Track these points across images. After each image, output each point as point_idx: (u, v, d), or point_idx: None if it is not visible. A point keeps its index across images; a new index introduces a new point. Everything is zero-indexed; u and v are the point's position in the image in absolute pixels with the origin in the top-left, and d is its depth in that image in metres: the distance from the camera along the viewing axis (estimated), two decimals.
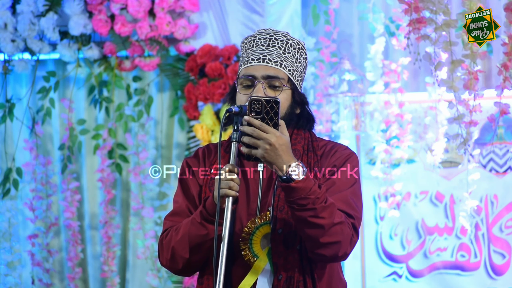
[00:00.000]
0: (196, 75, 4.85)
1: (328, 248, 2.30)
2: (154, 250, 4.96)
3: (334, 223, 2.27)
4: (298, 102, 2.48)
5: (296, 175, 2.23)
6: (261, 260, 2.39)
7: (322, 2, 4.91)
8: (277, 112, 2.25)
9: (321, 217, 2.26)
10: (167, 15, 4.81)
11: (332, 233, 2.28)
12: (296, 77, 2.47)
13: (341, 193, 2.38)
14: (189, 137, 4.93)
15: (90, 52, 4.96)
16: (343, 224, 2.31)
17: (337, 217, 2.29)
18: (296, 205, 2.26)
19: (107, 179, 5.01)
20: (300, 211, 2.26)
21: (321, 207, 2.25)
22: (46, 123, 5.11)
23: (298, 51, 2.49)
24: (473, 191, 3.96)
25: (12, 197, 5.08)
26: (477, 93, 3.63)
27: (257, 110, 2.24)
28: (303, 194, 2.24)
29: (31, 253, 5.03)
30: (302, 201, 2.24)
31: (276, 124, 2.25)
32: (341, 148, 2.50)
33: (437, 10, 3.56)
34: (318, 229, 2.27)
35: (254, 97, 2.26)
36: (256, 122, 2.24)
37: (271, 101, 2.25)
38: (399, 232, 4.75)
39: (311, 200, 2.24)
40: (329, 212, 2.27)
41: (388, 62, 4.73)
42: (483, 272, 4.62)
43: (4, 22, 4.92)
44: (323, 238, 2.28)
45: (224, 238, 2.23)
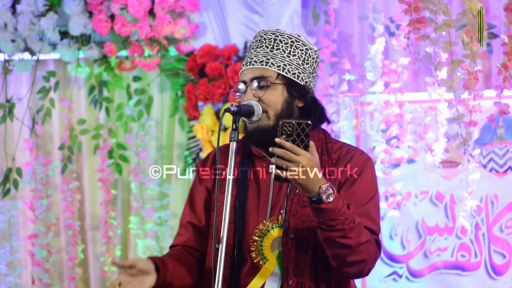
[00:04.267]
0: (196, 75, 4.84)
1: (354, 267, 2.33)
2: (154, 250, 4.96)
3: (361, 242, 2.29)
4: (297, 95, 2.46)
5: (327, 197, 2.23)
6: (270, 263, 2.40)
7: (322, 2, 4.91)
8: (308, 134, 2.22)
9: (349, 237, 2.27)
10: (167, 15, 4.81)
11: (358, 252, 2.30)
12: (291, 70, 2.44)
13: (363, 207, 2.39)
14: (189, 137, 4.92)
15: (90, 52, 4.96)
16: (369, 242, 2.33)
17: (363, 237, 2.31)
18: (325, 225, 2.26)
19: (107, 179, 5.01)
20: (329, 231, 2.27)
21: (349, 228, 2.26)
22: (46, 123, 5.11)
23: (292, 45, 2.46)
24: (473, 191, 3.95)
25: (12, 197, 5.08)
26: (477, 93, 3.63)
27: (288, 133, 2.22)
28: (332, 215, 2.24)
29: (31, 253, 5.03)
30: (332, 222, 2.25)
31: (307, 146, 2.23)
32: (357, 153, 2.49)
33: (437, 10, 3.56)
34: (345, 249, 2.29)
35: (285, 120, 2.23)
36: (287, 145, 2.21)
37: (302, 123, 2.22)
38: (399, 232, 4.75)
39: (340, 221, 2.25)
40: (357, 232, 2.28)
41: (388, 62, 4.72)
42: (483, 272, 4.61)
43: (4, 22, 4.92)
44: (350, 257, 2.30)
45: (223, 239, 2.22)
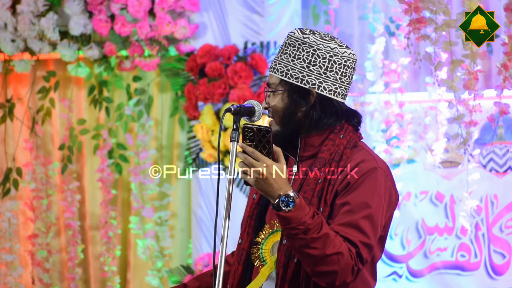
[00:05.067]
0: (196, 75, 4.84)
1: (323, 277, 2.26)
2: (154, 250, 4.96)
3: (327, 254, 2.21)
4: (298, 99, 2.39)
5: (286, 205, 2.21)
6: (268, 267, 2.39)
7: (322, 2, 4.91)
8: (269, 141, 2.21)
9: (312, 247, 2.21)
10: (167, 15, 4.81)
11: (327, 262, 2.23)
12: (294, 74, 2.38)
13: (352, 218, 2.29)
14: (189, 137, 4.92)
15: (90, 52, 4.96)
16: (340, 254, 2.23)
17: (331, 248, 2.22)
18: (286, 233, 2.24)
19: (107, 179, 5.01)
20: (291, 239, 2.24)
21: (311, 238, 2.21)
22: (46, 123, 5.11)
23: (298, 48, 2.39)
24: (473, 191, 3.95)
25: (12, 197, 5.08)
26: (477, 93, 3.63)
27: (250, 138, 2.22)
28: (292, 224, 2.21)
29: (31, 253, 5.04)
30: (292, 230, 2.21)
31: (269, 152, 2.22)
32: (365, 162, 2.35)
33: (437, 10, 3.56)
34: (310, 258, 2.24)
35: (247, 125, 2.23)
36: (248, 149, 2.21)
37: (263, 129, 2.22)
38: (399, 232, 4.75)
39: (301, 230, 2.20)
40: (321, 242, 2.21)
41: (388, 62, 4.72)
42: (483, 272, 4.61)
43: (4, 22, 4.92)
44: (317, 267, 2.24)
45: (224, 238, 2.22)
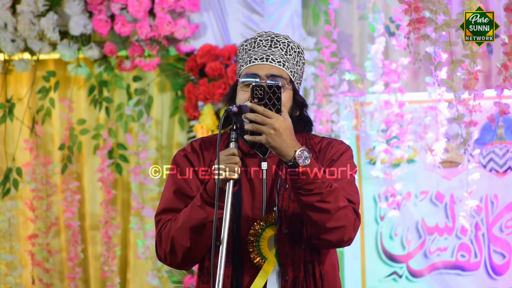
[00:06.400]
0: (196, 75, 4.85)
1: (334, 233, 2.31)
2: (154, 250, 4.96)
3: (340, 207, 2.29)
4: (298, 104, 2.47)
5: (302, 160, 2.24)
6: (270, 262, 2.40)
7: (322, 2, 4.91)
8: (279, 97, 2.25)
9: (327, 201, 2.27)
10: (167, 15, 4.81)
11: (337, 217, 2.29)
12: (296, 79, 2.47)
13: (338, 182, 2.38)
14: (189, 137, 4.92)
15: (90, 52, 4.96)
16: (347, 208, 2.33)
17: (341, 202, 2.31)
18: (303, 190, 2.26)
19: (107, 179, 5.01)
20: (307, 195, 2.27)
21: (327, 191, 2.27)
22: (46, 123, 5.12)
23: (298, 55, 2.49)
24: (473, 191, 3.95)
25: (12, 197, 5.08)
26: (477, 93, 3.63)
27: (259, 97, 2.25)
28: (309, 179, 2.25)
29: (31, 253, 5.04)
30: (309, 186, 2.25)
31: (279, 110, 2.25)
32: (337, 143, 2.50)
33: (437, 10, 3.56)
34: (324, 213, 2.28)
35: (256, 83, 2.27)
36: (259, 108, 2.24)
37: (273, 86, 2.25)
38: (399, 232, 4.75)
39: (318, 184, 2.26)
40: (334, 196, 2.29)
41: (388, 62, 4.72)
42: (483, 272, 4.62)
43: (4, 22, 4.92)
44: (329, 223, 2.29)
45: (224, 231, 2.20)
